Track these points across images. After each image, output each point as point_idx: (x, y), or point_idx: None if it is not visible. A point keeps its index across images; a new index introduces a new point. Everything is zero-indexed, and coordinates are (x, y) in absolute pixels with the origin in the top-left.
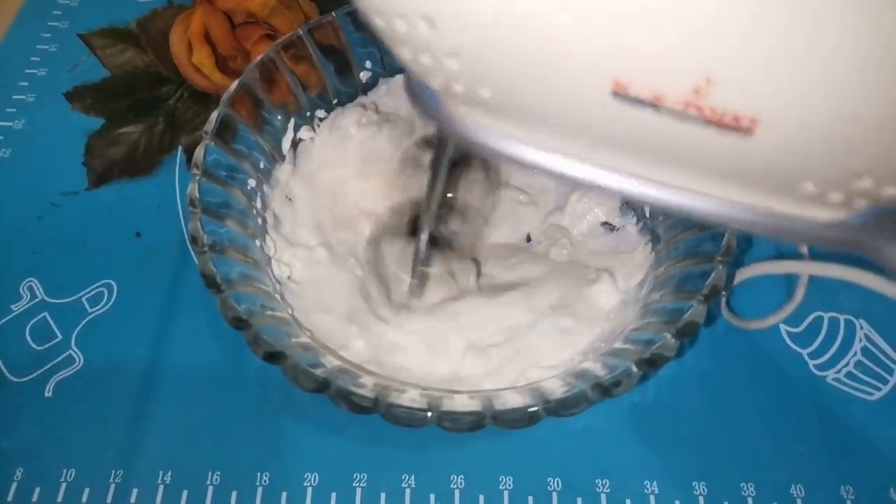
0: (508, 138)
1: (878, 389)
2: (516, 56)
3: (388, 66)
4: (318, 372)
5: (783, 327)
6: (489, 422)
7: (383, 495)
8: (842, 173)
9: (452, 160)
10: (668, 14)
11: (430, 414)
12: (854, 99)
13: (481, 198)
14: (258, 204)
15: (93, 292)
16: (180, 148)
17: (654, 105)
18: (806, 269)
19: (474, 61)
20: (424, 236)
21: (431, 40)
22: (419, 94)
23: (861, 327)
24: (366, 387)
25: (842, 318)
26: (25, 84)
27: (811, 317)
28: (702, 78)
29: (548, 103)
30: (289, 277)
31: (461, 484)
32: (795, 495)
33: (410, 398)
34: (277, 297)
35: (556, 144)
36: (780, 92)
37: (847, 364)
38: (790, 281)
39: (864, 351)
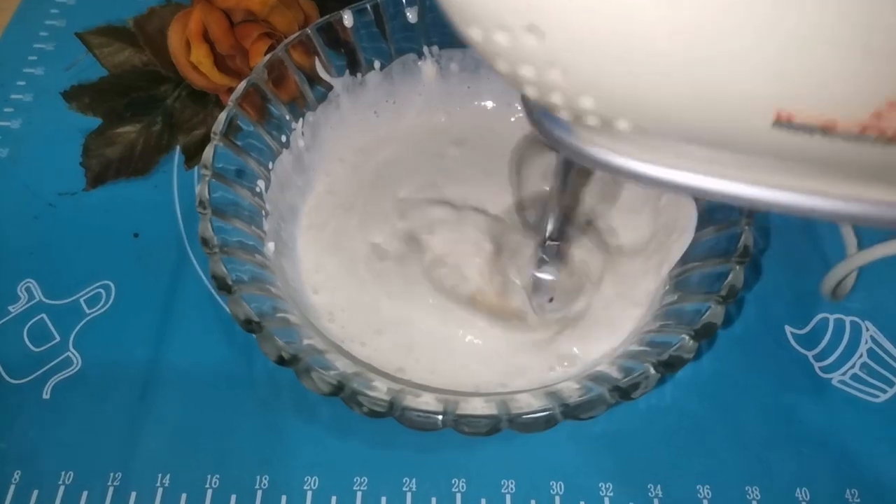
0: (649, 164)
1: (884, 392)
2: (661, 93)
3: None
4: (332, 375)
5: (788, 329)
6: (505, 425)
7: (384, 499)
8: None
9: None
10: (843, 37)
11: (446, 418)
12: None
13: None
14: (266, 204)
15: (91, 293)
16: (178, 148)
17: (824, 131)
18: None
19: (612, 100)
20: (552, 238)
21: (562, 84)
22: (542, 121)
23: (867, 329)
24: (380, 390)
25: (847, 319)
26: (22, 83)
27: (816, 318)
28: (882, 102)
29: (696, 137)
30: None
31: (463, 487)
32: (801, 499)
33: (425, 402)
34: (286, 298)
35: (703, 168)
36: None
37: (853, 366)
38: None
39: (871, 353)
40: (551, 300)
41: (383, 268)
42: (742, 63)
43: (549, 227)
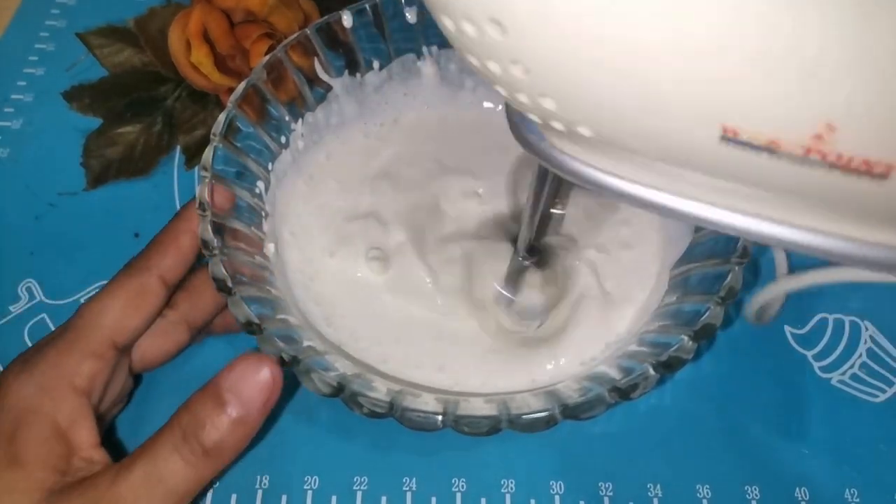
0: (612, 175)
1: (884, 391)
2: (617, 102)
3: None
4: (332, 376)
5: (787, 329)
6: (506, 425)
7: (384, 499)
8: None
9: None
10: (782, 59)
11: (446, 418)
12: None
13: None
14: (266, 205)
15: (91, 293)
16: (178, 148)
17: (769, 150)
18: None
19: (571, 103)
20: (520, 256)
21: (526, 84)
22: (519, 126)
23: (866, 329)
24: (380, 391)
25: (847, 319)
26: (23, 84)
27: (816, 318)
28: (822, 125)
29: (650, 146)
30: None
31: (463, 487)
32: (800, 498)
33: (425, 402)
34: (287, 299)
35: (665, 183)
36: None
37: (852, 366)
38: None
39: (870, 353)
40: (530, 317)
41: (380, 269)
42: (686, 75)
43: (523, 241)
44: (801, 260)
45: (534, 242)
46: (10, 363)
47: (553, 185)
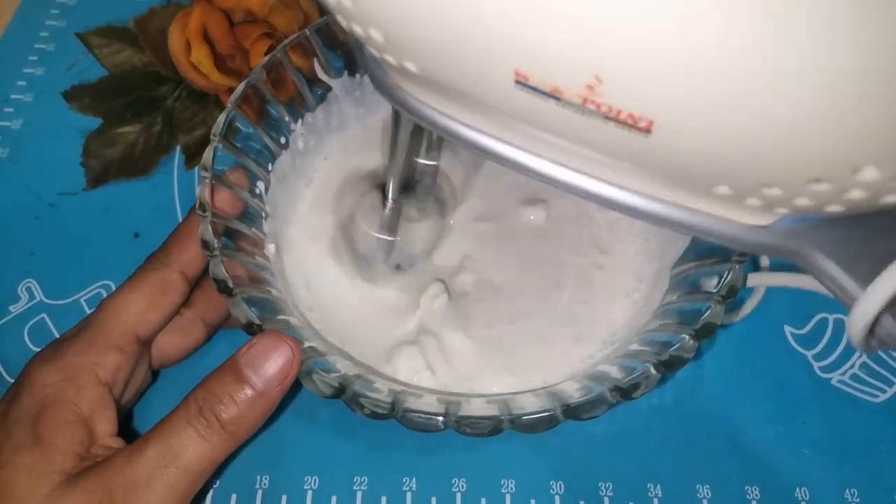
0: (441, 115)
1: (884, 392)
2: (428, 35)
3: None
4: (333, 377)
5: (788, 329)
6: (507, 426)
7: (384, 499)
8: (750, 181)
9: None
10: (558, 11)
11: (447, 419)
12: (749, 111)
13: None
14: (266, 206)
15: (91, 293)
16: (178, 148)
17: (555, 97)
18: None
19: (395, 36)
20: (389, 202)
21: (356, 14)
22: (369, 63)
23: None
24: (381, 392)
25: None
26: (23, 83)
27: (816, 318)
28: (592, 76)
29: (461, 84)
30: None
31: (463, 487)
32: (800, 498)
33: (426, 403)
34: (288, 300)
35: (483, 124)
36: (671, 97)
37: (852, 366)
38: None
39: None
40: (398, 266)
41: (378, 269)
42: (478, 19)
43: (390, 188)
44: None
45: (395, 195)
46: (37, 353)
47: (416, 130)
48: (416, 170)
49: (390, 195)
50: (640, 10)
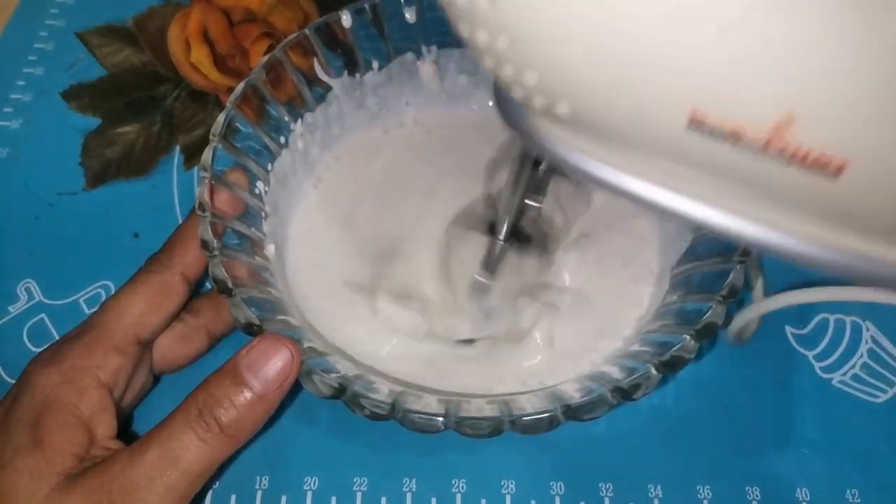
0: (587, 157)
1: (885, 392)
2: (592, 76)
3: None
4: (333, 378)
5: (789, 329)
6: (507, 427)
7: (384, 499)
8: None
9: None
10: (748, 47)
11: (447, 420)
12: None
13: (570, 206)
14: (266, 206)
15: (91, 293)
16: (178, 147)
17: (733, 139)
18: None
19: (551, 77)
20: (500, 238)
21: (510, 55)
22: (504, 103)
23: (867, 329)
24: (381, 392)
25: (848, 320)
26: (22, 83)
27: (817, 318)
28: (783, 114)
29: (624, 127)
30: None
31: (462, 488)
32: (801, 499)
33: (426, 403)
34: (287, 300)
35: (636, 168)
36: (872, 135)
37: (853, 366)
38: None
39: (871, 353)
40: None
41: (376, 270)
42: (658, 57)
43: (502, 226)
44: (776, 283)
45: (514, 227)
46: (37, 355)
47: (532, 171)
48: (522, 210)
49: (501, 235)
50: (838, 37)
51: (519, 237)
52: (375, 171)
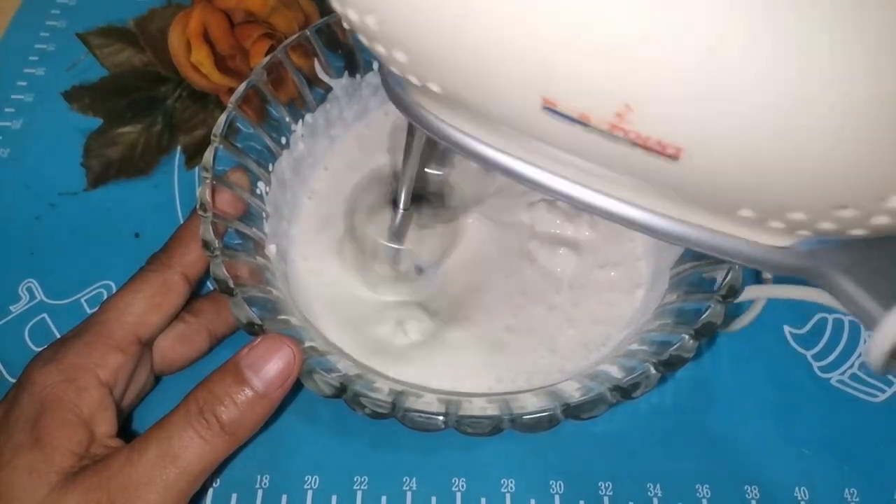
0: (462, 134)
1: (883, 391)
2: (456, 59)
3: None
4: (334, 377)
5: (787, 328)
6: (507, 425)
7: (384, 498)
8: (773, 205)
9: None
10: (589, 41)
11: (448, 419)
12: (773, 138)
13: (474, 180)
14: (267, 206)
15: (92, 293)
16: (179, 148)
17: (583, 123)
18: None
19: (420, 57)
20: (399, 210)
21: (380, 34)
22: (389, 81)
23: (865, 328)
24: (382, 391)
25: (846, 319)
26: (23, 84)
27: (815, 318)
28: (622, 104)
29: (486, 106)
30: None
31: (462, 487)
32: (800, 498)
33: (427, 402)
34: (288, 299)
35: (506, 145)
36: (701, 125)
37: (851, 366)
38: None
39: None
40: (421, 270)
41: (376, 270)
42: (508, 45)
43: (402, 197)
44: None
45: (406, 204)
46: (37, 354)
47: (427, 141)
48: (426, 179)
49: (401, 204)
50: (668, 35)
51: (422, 203)
52: (375, 170)
